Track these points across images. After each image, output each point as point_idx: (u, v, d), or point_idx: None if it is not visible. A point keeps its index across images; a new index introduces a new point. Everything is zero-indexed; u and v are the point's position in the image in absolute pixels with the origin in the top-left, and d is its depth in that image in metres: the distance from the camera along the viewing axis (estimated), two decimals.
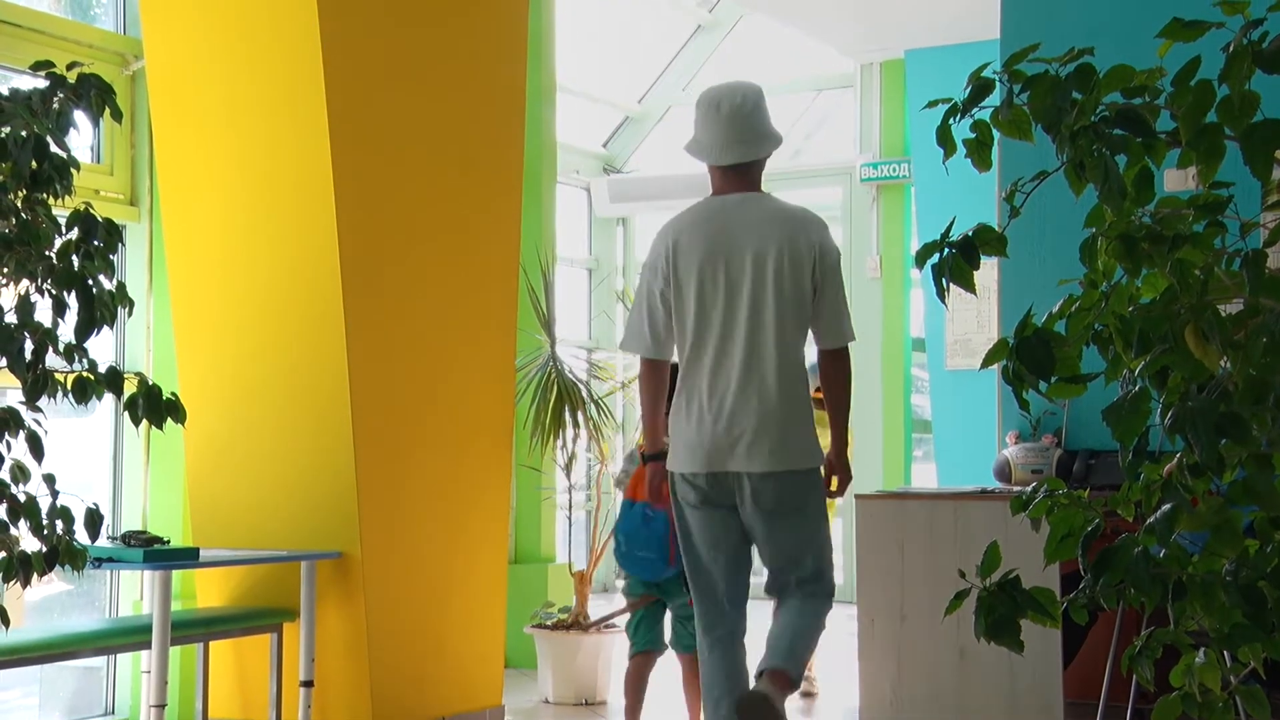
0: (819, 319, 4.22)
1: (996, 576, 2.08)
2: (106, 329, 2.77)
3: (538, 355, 6.70)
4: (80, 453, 5.69)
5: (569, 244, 10.60)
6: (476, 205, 5.56)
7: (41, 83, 2.81)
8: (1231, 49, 1.94)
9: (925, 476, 10.54)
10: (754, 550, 4.29)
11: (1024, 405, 2.08)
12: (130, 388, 2.79)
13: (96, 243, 2.73)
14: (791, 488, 4.17)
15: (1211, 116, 1.97)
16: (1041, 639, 4.43)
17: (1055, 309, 2.09)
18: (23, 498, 2.65)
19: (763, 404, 4.14)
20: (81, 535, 2.71)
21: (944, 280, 2.07)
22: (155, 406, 2.77)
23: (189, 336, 5.30)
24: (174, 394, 2.83)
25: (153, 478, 5.66)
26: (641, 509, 4.58)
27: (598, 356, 8.43)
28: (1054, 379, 2.05)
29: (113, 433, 5.67)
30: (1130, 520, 2.12)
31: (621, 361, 8.29)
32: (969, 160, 2.14)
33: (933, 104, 2.14)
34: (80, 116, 2.83)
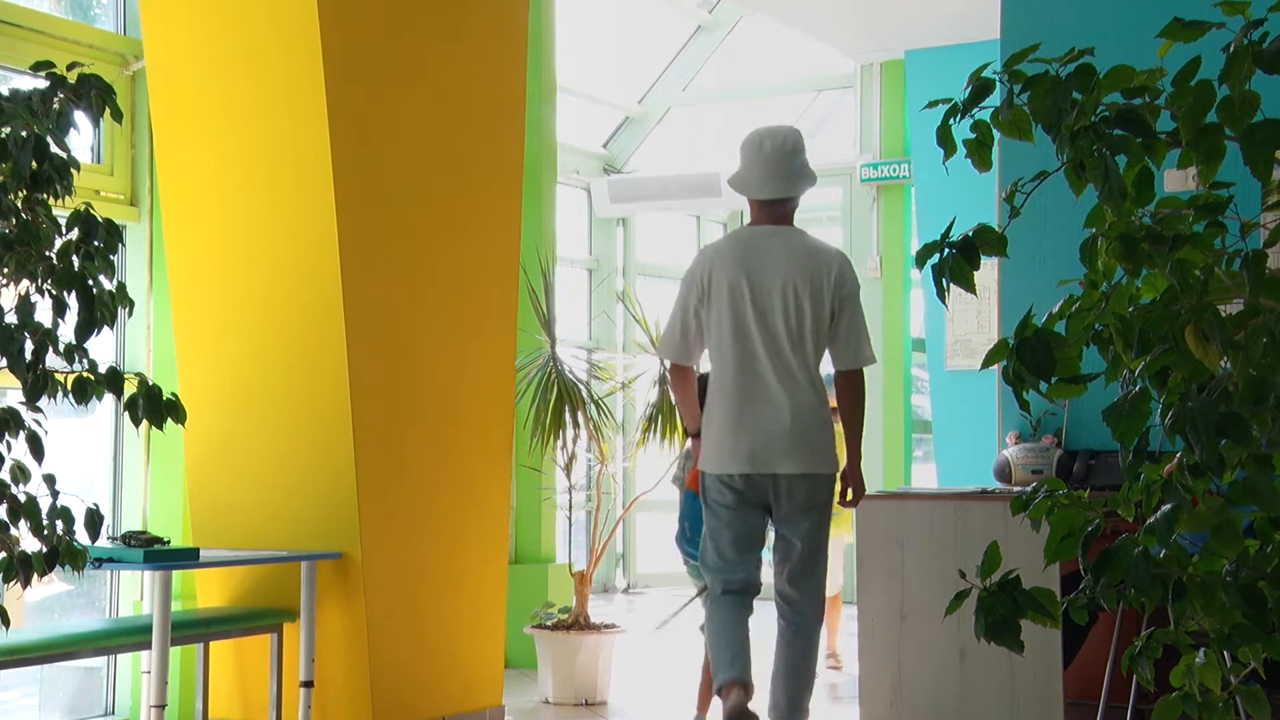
0: (835, 342, 4.72)
1: (996, 577, 2.08)
2: (106, 329, 2.77)
3: (538, 355, 6.70)
4: (80, 453, 5.70)
5: (569, 244, 10.60)
6: (476, 205, 5.56)
7: (41, 83, 2.81)
8: (1232, 49, 1.94)
9: (925, 476, 10.54)
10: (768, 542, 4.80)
11: (1024, 405, 2.08)
12: (130, 388, 2.78)
13: (97, 243, 2.73)
14: (815, 488, 4.68)
15: (1212, 117, 1.97)
16: (1041, 639, 4.43)
17: (1055, 309, 2.09)
18: (23, 498, 2.65)
19: (790, 413, 4.63)
20: (81, 535, 2.71)
21: (944, 280, 2.07)
22: (155, 406, 2.77)
23: (189, 336, 5.31)
24: (174, 394, 2.83)
25: (153, 478, 5.66)
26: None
27: (598, 356, 8.41)
28: (1054, 379, 2.05)
29: (113, 433, 5.67)
30: (1130, 520, 2.12)
31: (621, 362, 8.29)
32: (969, 160, 2.15)
33: (933, 104, 2.14)
34: (80, 117, 2.83)
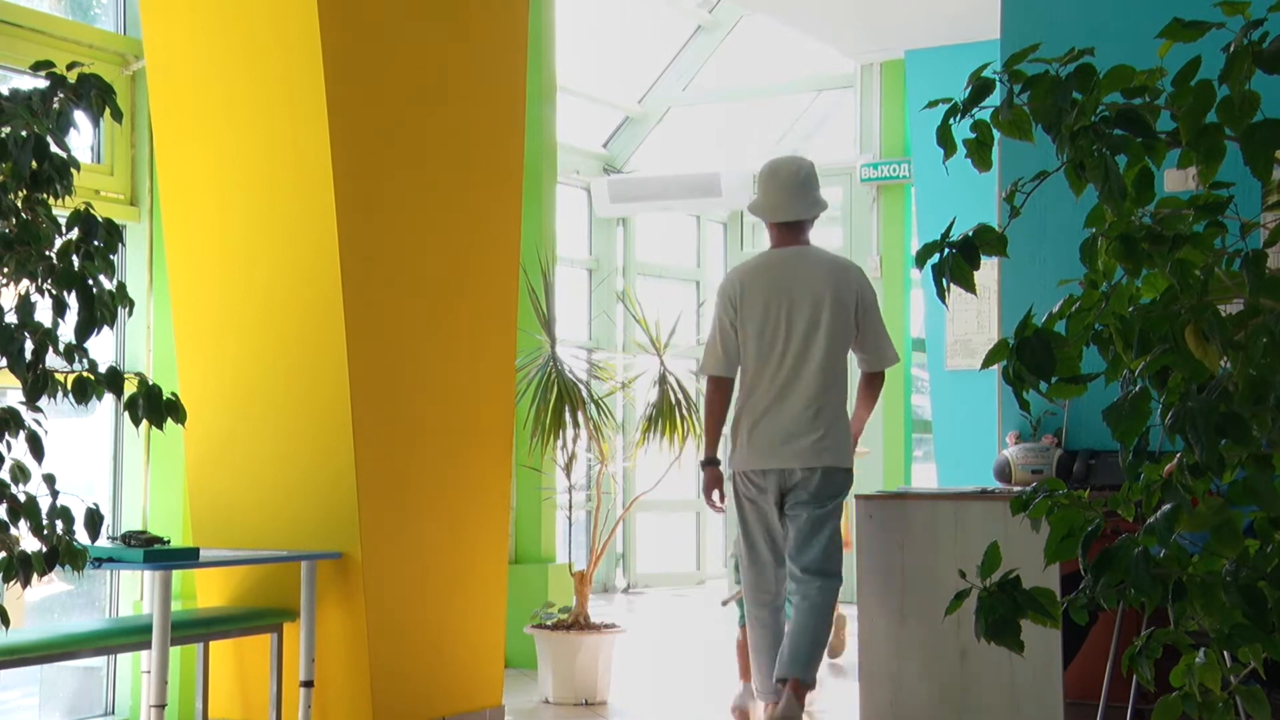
0: (862, 348, 5.29)
1: (996, 577, 2.08)
2: (106, 329, 2.77)
3: (538, 355, 6.70)
4: (80, 453, 5.70)
5: (569, 244, 10.60)
6: (476, 205, 5.56)
7: (41, 83, 2.81)
8: (1232, 49, 1.94)
9: (925, 476, 10.54)
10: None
11: (1024, 405, 2.08)
12: (130, 388, 2.78)
13: (97, 243, 2.73)
14: (831, 480, 5.18)
15: (1212, 117, 1.97)
16: (1041, 639, 4.43)
17: (1055, 309, 2.09)
18: (23, 498, 2.65)
19: (813, 413, 5.15)
20: (81, 535, 2.71)
21: (944, 280, 2.07)
22: (155, 406, 2.77)
23: (189, 336, 5.31)
24: (174, 394, 2.83)
25: (153, 478, 5.66)
26: None
27: (598, 356, 8.41)
28: (1054, 379, 2.05)
29: (113, 433, 5.67)
30: (1130, 520, 2.12)
31: (621, 362, 8.28)
32: (969, 160, 2.15)
33: (933, 104, 2.14)
34: (80, 116, 2.82)
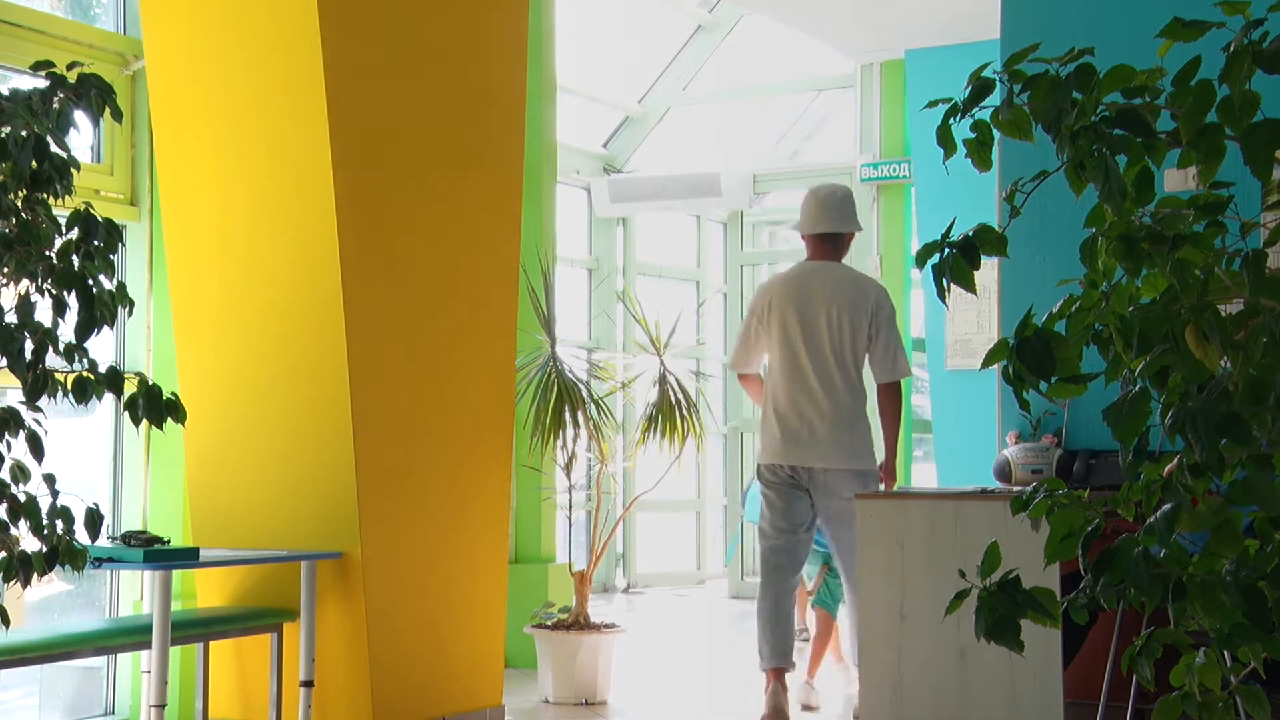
0: (875, 361, 5.61)
1: (996, 576, 2.08)
2: (106, 329, 2.77)
3: (538, 355, 6.70)
4: (80, 453, 5.69)
5: (569, 244, 10.59)
6: (476, 205, 5.56)
7: (41, 83, 2.81)
8: (1232, 49, 1.94)
9: (925, 476, 10.54)
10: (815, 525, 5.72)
11: (1024, 405, 2.08)
12: (130, 388, 2.78)
13: (97, 243, 2.73)
14: (851, 481, 5.51)
15: (1212, 116, 1.97)
16: (1041, 639, 4.43)
17: (1055, 309, 2.09)
18: (23, 498, 2.65)
19: (832, 416, 5.53)
20: (81, 535, 2.71)
21: (944, 280, 2.07)
22: (155, 406, 2.77)
23: (189, 336, 5.30)
24: (174, 394, 2.83)
25: (153, 478, 5.66)
26: None
27: (598, 356, 8.41)
28: (1054, 379, 2.05)
29: (113, 433, 5.67)
30: (1130, 520, 2.12)
31: (621, 361, 8.28)
32: (969, 160, 2.14)
33: (933, 104, 2.14)
34: (80, 116, 2.82)
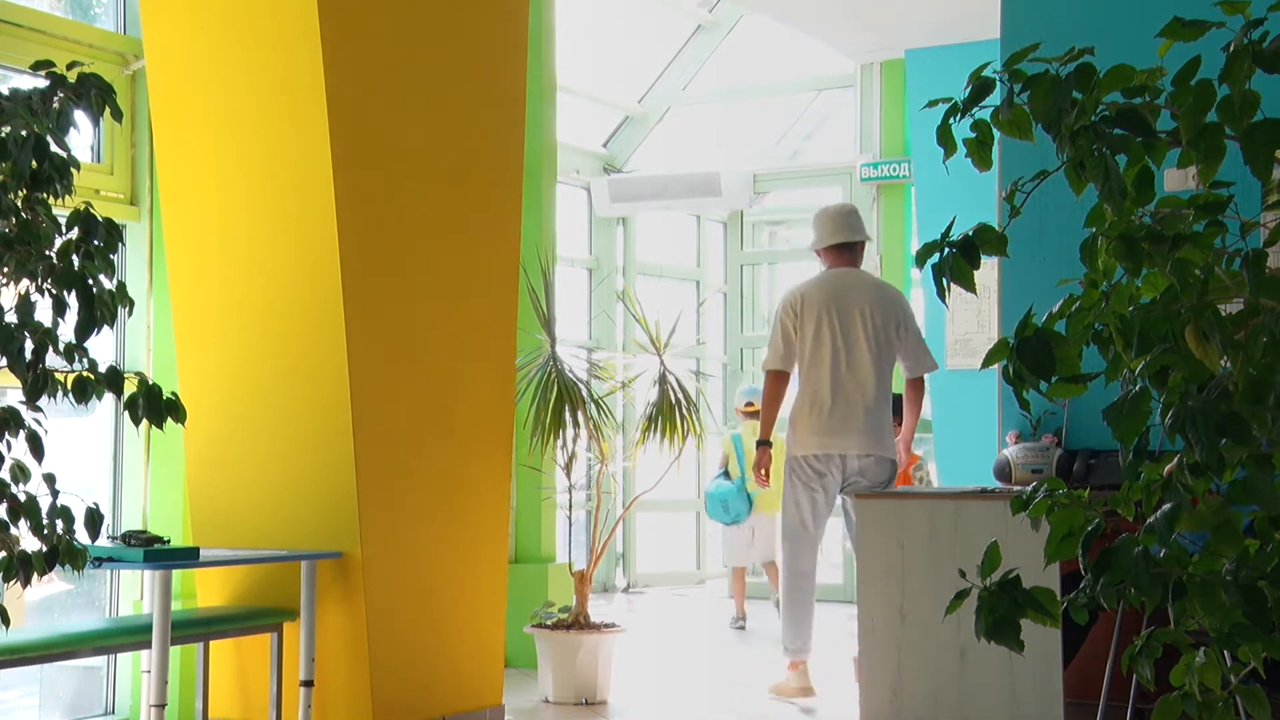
0: (905, 357, 6.34)
1: (996, 576, 2.08)
2: (106, 329, 2.77)
3: (538, 355, 6.70)
4: (80, 453, 5.69)
5: (569, 244, 10.60)
6: (476, 205, 5.56)
7: (41, 82, 2.81)
8: (1232, 49, 1.94)
9: None
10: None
11: (1024, 405, 2.08)
12: (130, 387, 2.78)
13: (97, 242, 2.73)
14: (878, 466, 6.20)
15: (1212, 116, 1.97)
16: (1041, 639, 4.43)
17: (1055, 309, 2.09)
18: (23, 497, 2.65)
19: (863, 407, 6.16)
20: (81, 535, 2.71)
21: (944, 280, 2.07)
22: (155, 406, 2.77)
23: (189, 336, 5.30)
24: (174, 394, 2.83)
25: (153, 478, 5.66)
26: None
27: (598, 356, 8.41)
28: (1054, 379, 2.05)
29: (113, 433, 5.67)
30: (1130, 520, 2.12)
31: (621, 361, 8.28)
32: (969, 160, 2.14)
33: (933, 104, 2.14)
34: (80, 116, 2.82)
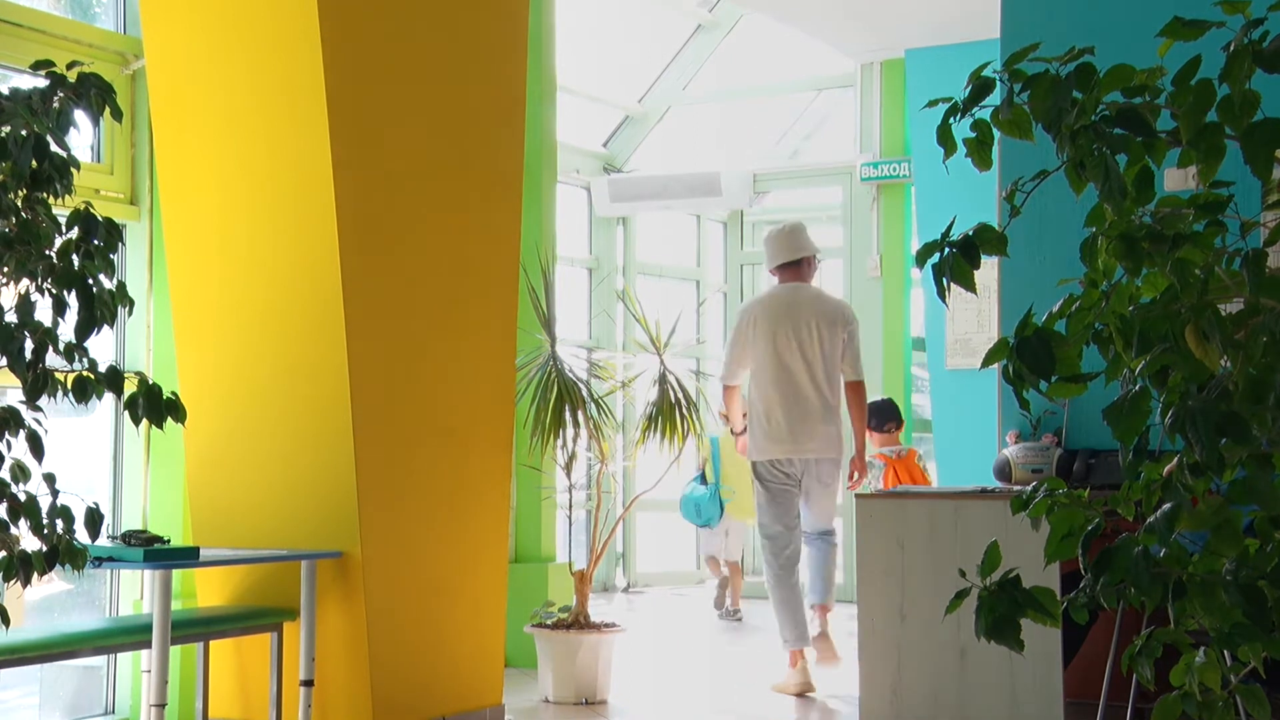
0: (845, 364, 6.78)
1: (996, 576, 2.08)
2: (106, 328, 2.77)
3: (538, 355, 6.70)
4: (80, 453, 5.69)
5: (569, 244, 10.59)
6: (476, 205, 5.56)
7: (41, 82, 2.81)
8: (1232, 48, 1.94)
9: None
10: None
11: (1024, 405, 2.08)
12: (130, 387, 2.78)
13: (97, 242, 2.73)
14: (831, 467, 6.70)
15: (1212, 116, 1.97)
16: (1041, 639, 4.43)
17: (1055, 309, 2.09)
18: (23, 497, 2.65)
19: (815, 413, 6.63)
20: (81, 535, 2.71)
21: (944, 280, 2.07)
22: (155, 406, 2.77)
23: (189, 336, 5.30)
24: (174, 393, 2.83)
25: (153, 478, 5.66)
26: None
27: (598, 356, 8.41)
28: (1054, 378, 2.05)
29: (113, 433, 5.67)
30: (1130, 520, 2.12)
31: (621, 361, 8.28)
32: (969, 160, 2.14)
33: (933, 103, 2.14)
34: (80, 116, 2.82)
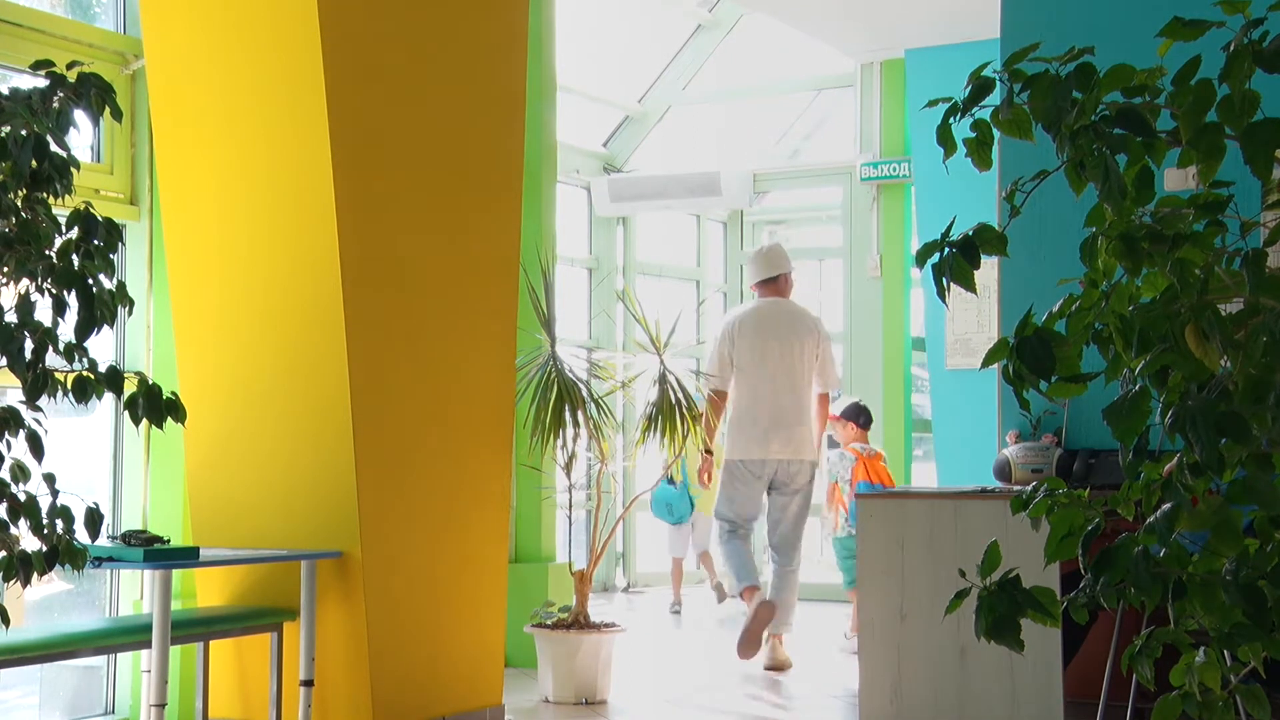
0: (819, 374, 7.34)
1: (996, 576, 2.08)
2: (106, 328, 2.77)
3: (538, 355, 6.70)
4: (80, 453, 5.69)
5: (569, 244, 10.59)
6: (476, 205, 5.56)
7: (41, 82, 2.81)
8: (1232, 48, 1.94)
9: (925, 476, 10.55)
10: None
11: (1024, 405, 2.08)
12: (130, 387, 2.78)
13: (96, 242, 2.73)
14: (801, 468, 7.22)
15: (1212, 116, 1.97)
16: (1041, 639, 4.44)
17: (1055, 308, 2.09)
18: (23, 497, 2.65)
19: (789, 419, 7.20)
20: (81, 534, 2.71)
21: (944, 280, 2.07)
22: (155, 406, 2.77)
23: (189, 336, 5.30)
24: (174, 393, 2.83)
25: (153, 478, 5.66)
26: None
27: (598, 356, 8.41)
28: (1054, 378, 2.05)
29: (113, 433, 5.67)
30: (1130, 520, 2.12)
31: (621, 361, 8.28)
32: (969, 160, 2.14)
33: (933, 103, 2.14)
34: (80, 116, 2.83)
